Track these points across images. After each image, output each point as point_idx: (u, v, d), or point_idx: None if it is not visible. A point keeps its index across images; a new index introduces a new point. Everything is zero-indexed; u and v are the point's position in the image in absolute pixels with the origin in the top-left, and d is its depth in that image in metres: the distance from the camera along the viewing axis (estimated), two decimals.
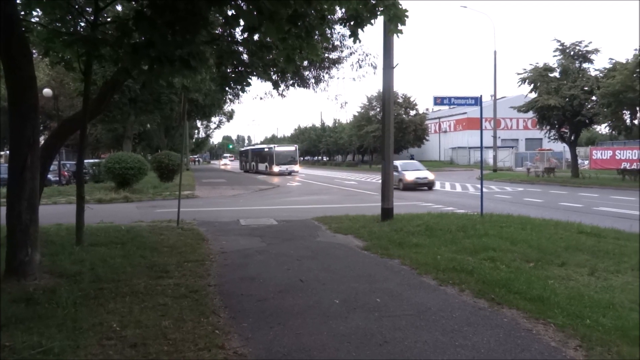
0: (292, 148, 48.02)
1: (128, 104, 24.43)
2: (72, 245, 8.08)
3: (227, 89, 10.19)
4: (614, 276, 6.37)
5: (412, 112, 57.57)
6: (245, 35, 7.10)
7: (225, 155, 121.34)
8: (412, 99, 57.94)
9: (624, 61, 25.46)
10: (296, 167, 46.39)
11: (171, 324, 4.67)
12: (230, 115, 60.85)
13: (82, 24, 8.18)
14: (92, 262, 7.02)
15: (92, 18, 7.74)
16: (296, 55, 6.72)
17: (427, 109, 64.41)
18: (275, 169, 44.21)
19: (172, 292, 5.75)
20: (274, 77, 12.73)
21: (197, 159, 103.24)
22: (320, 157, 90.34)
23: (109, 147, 52.82)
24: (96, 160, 30.92)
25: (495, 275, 6.36)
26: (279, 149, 47.34)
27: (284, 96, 15.73)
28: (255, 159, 52.35)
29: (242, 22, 5.67)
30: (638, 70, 24.19)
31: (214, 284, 6.38)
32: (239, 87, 9.79)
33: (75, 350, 4.02)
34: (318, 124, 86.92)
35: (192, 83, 13.49)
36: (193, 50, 5.61)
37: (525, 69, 30.65)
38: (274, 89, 12.68)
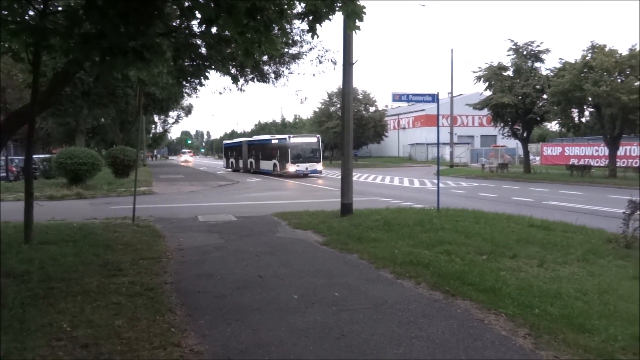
0: (313, 139, 34.33)
1: (80, 97, 23.52)
2: (19, 243, 7.75)
3: (184, 82, 9.99)
4: (561, 267, 6.65)
5: (372, 109, 58.20)
6: (203, 28, 6.97)
7: (184, 150, 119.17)
8: (371, 96, 58.58)
9: (573, 61, 26.52)
10: (319, 166, 33.42)
11: (125, 323, 4.55)
12: (188, 110, 59.67)
13: (31, 13, 7.82)
14: (42, 260, 6.75)
15: (41, 6, 7.41)
16: (255, 50, 6.65)
17: (386, 106, 65.21)
18: (291, 168, 31.99)
19: (126, 291, 5.61)
20: (233, 71, 12.57)
21: (155, 155, 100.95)
22: None
23: (61, 141, 50.82)
24: (47, 156, 29.65)
25: (450, 268, 6.53)
26: (296, 140, 33.77)
27: (244, 91, 15.62)
28: (255, 155, 39.23)
29: (198, 15, 5.56)
30: (585, 70, 25.28)
31: (170, 281, 6.26)
32: (196, 81, 9.61)
33: (23, 352, 3.87)
34: (278, 120, 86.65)
35: (149, 76, 13.14)
36: (147, 42, 5.46)
37: (480, 68, 31.54)
38: (233, 83, 12.46)
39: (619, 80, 24.61)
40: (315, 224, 10.57)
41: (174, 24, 8.30)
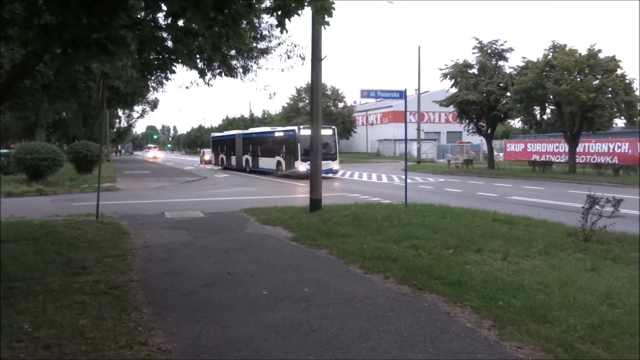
0: (328, 131, 26.50)
1: (40, 90, 22.72)
2: None
3: (149, 76, 9.78)
4: (524, 260, 6.85)
5: (341, 105, 58.44)
6: (169, 21, 6.83)
7: (149, 145, 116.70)
8: (340, 92, 58.79)
9: (535, 60, 27.25)
10: (335, 164, 26.76)
11: (89, 323, 4.44)
12: (154, 104, 58.40)
13: None
14: (1, 259, 6.51)
15: None
16: (223, 44, 6.56)
17: (355, 102, 65.61)
18: (301, 167, 25.19)
19: (90, 289, 5.47)
20: (200, 66, 12.36)
21: (119, 150, 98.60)
22: None
23: (20, 136, 49.02)
24: (5, 151, 28.55)
25: (418, 262, 6.63)
26: (307, 132, 23.40)
27: (211, 85, 15.34)
28: (252, 151, 32.39)
29: (164, 7, 5.44)
30: (547, 69, 26.01)
31: (136, 279, 6.14)
32: (162, 74, 9.42)
33: None
34: (247, 115, 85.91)
35: (112, 69, 12.77)
36: (111, 34, 5.31)
37: (447, 65, 32.07)
38: (200, 77, 12.32)
39: (579, 79, 25.42)
40: (284, 220, 10.55)
41: (139, 16, 8.10)
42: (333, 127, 28.72)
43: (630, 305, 4.88)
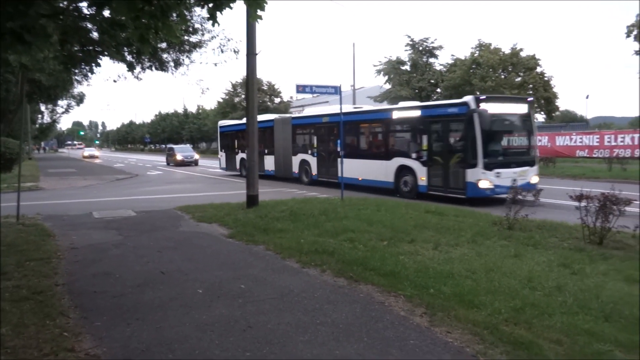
0: (519, 107, 13.77)
1: None
2: None
3: (73, 69, 9.26)
4: (453, 249, 7.15)
5: (277, 100, 58.14)
6: (94, 10, 6.49)
7: (75, 142, 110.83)
8: (276, 87, 58.46)
9: (463, 58, 28.47)
10: (534, 174, 13.72)
11: (10, 331, 4.17)
12: (80, 99, 55.19)
13: None
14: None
15: None
16: (151, 36, 6.33)
17: (291, 97, 65.47)
18: (485, 182, 12.55)
19: (10, 296, 5.13)
20: (128, 59, 11.86)
21: (43, 147, 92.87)
22: (183, 144, 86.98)
23: None
24: None
25: (354, 254, 6.75)
26: (497, 106, 13.13)
27: (141, 79, 14.74)
28: (324, 148, 18.71)
29: None
30: (474, 66, 27.26)
31: (62, 282, 5.83)
32: (87, 67, 8.95)
33: None
34: (181, 110, 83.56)
35: (32, 61, 12.00)
36: (28, 24, 4.98)
37: (380, 62, 32.81)
38: (128, 71, 11.83)
39: (503, 77, 26.85)
40: (220, 217, 10.39)
41: (62, 5, 7.65)
42: (530, 98, 14.78)
43: (549, 287, 5.23)
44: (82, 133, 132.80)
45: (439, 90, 30.86)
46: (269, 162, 21.78)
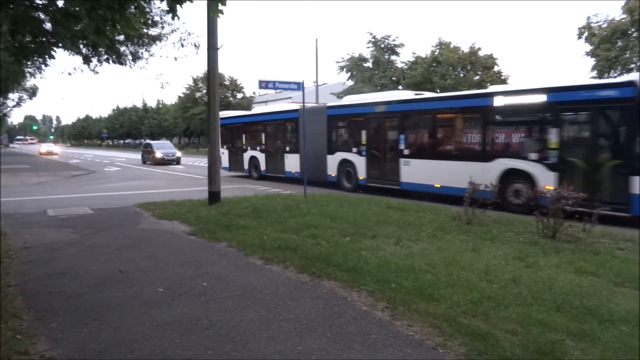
0: None
1: None
2: None
3: (25, 61, 8.88)
4: (414, 244, 7.28)
5: (240, 95, 57.53)
6: (46, 0, 6.25)
7: (26, 137, 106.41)
8: (239, 82, 57.82)
9: (424, 56, 28.95)
10: None
11: None
12: (32, 92, 52.86)
13: None
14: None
15: None
16: (108, 28, 6.14)
17: (254, 93, 64.90)
18: None
19: None
20: (84, 51, 11.47)
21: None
22: (143, 140, 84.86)
23: None
24: None
25: (317, 250, 6.78)
26: None
27: (97, 72, 14.20)
28: (374, 145, 14.94)
29: None
30: (434, 64, 27.77)
31: (14, 283, 5.61)
32: (40, 59, 8.60)
33: None
34: (140, 105, 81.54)
35: None
36: None
37: (343, 58, 32.94)
38: (84, 63, 11.38)
39: (462, 75, 27.48)
40: (181, 214, 10.22)
41: None
42: None
43: (505, 280, 5.40)
44: (35, 128, 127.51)
45: (400, 87, 31.28)
46: (292, 163, 17.92)
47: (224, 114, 22.04)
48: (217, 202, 11.52)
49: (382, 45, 32.05)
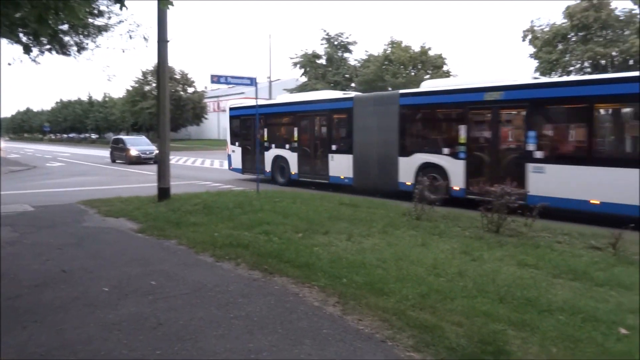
0: None
1: None
2: None
3: None
4: (365, 239, 7.39)
5: (191, 90, 56.47)
6: None
7: None
8: (190, 76, 56.75)
9: (376, 54, 29.37)
10: None
11: None
12: None
13: None
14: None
15: None
16: (51, 17, 5.87)
17: (206, 87, 63.83)
18: None
19: None
20: (25, 40, 10.90)
21: None
22: (88, 135, 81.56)
23: None
24: None
25: (269, 247, 6.76)
26: None
27: (38, 63, 13.57)
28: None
29: None
30: (386, 63, 28.22)
31: None
32: None
33: None
34: (85, 98, 78.37)
35: None
36: None
37: (297, 54, 32.95)
38: (25, 53, 10.78)
39: (413, 73, 28.07)
40: (129, 211, 9.92)
41: None
42: None
43: (452, 273, 5.57)
44: None
45: (353, 84, 31.63)
46: (341, 165, 14.30)
47: (235, 103, 19.17)
48: (166, 198, 11.25)
49: (336, 43, 32.30)
